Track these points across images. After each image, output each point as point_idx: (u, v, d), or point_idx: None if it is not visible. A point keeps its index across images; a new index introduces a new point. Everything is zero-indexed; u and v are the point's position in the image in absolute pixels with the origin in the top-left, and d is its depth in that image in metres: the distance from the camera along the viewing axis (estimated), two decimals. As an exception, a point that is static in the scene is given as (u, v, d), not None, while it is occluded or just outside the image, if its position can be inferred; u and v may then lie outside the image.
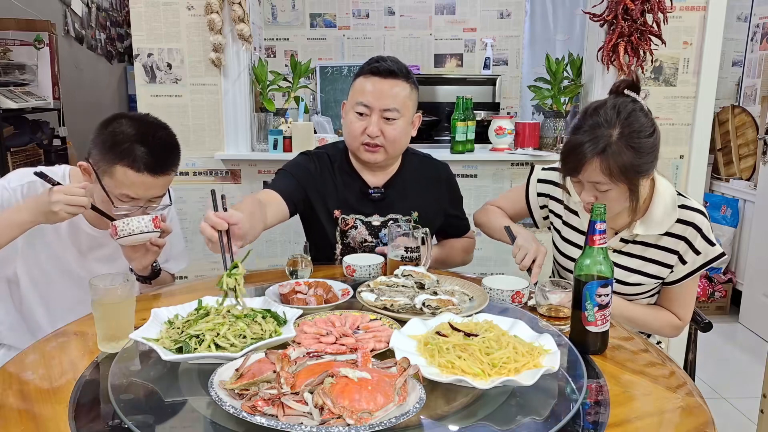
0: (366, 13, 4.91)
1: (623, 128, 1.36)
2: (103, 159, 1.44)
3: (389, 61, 1.71)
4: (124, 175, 1.42)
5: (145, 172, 1.43)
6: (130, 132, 1.43)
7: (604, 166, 1.36)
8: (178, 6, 2.55)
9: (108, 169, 1.43)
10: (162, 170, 1.46)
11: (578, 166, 1.39)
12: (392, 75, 1.69)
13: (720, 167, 4.11)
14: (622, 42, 2.46)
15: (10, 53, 3.18)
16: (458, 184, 1.95)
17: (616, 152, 1.35)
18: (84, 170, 1.49)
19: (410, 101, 1.74)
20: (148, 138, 1.44)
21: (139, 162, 1.42)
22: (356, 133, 1.71)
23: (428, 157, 1.93)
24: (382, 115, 1.69)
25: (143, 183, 1.44)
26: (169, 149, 1.50)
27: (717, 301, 3.80)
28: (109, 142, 1.43)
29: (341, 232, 1.80)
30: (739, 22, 4.30)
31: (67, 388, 1.03)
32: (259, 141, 2.72)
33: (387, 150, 1.72)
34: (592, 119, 1.39)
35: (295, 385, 0.89)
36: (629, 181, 1.38)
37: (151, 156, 1.43)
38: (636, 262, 1.54)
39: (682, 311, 1.55)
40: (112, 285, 1.19)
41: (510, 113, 4.46)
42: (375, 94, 1.68)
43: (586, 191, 1.43)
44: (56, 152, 3.41)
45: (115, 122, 1.46)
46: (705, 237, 1.48)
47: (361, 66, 1.74)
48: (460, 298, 1.34)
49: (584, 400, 1.00)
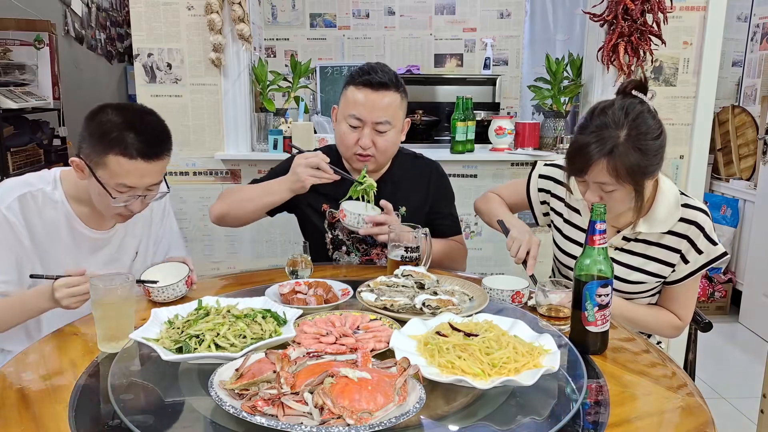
0: (366, 13, 4.91)
1: (631, 130, 1.36)
2: (94, 151, 1.42)
3: (380, 71, 1.71)
4: (118, 164, 1.40)
5: (138, 158, 1.41)
6: (118, 120, 1.41)
7: (610, 167, 1.36)
8: (178, 6, 2.55)
9: (100, 160, 1.41)
10: (155, 155, 1.44)
11: (585, 167, 1.39)
12: (384, 87, 1.70)
13: (720, 167, 4.11)
14: (622, 42, 2.46)
15: (10, 53, 3.18)
16: (457, 183, 1.95)
17: (623, 153, 1.35)
18: (76, 166, 1.46)
19: (401, 110, 1.77)
20: (136, 124, 1.42)
21: (131, 149, 1.40)
22: (349, 144, 1.74)
23: (419, 157, 1.96)
24: (374, 127, 1.71)
25: (137, 170, 1.42)
26: (160, 133, 1.48)
27: (717, 301, 3.80)
28: (97, 133, 1.41)
29: (329, 224, 1.85)
30: (739, 22, 4.30)
31: (67, 388, 1.03)
32: (259, 141, 2.72)
33: (378, 159, 1.77)
34: (599, 119, 1.39)
35: (295, 385, 0.89)
36: (635, 182, 1.38)
37: (143, 142, 1.41)
38: (638, 260, 1.54)
39: (682, 311, 1.55)
40: (112, 285, 1.19)
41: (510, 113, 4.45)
42: (367, 107, 1.70)
43: (591, 191, 1.43)
44: (56, 152, 3.41)
45: (101, 113, 1.44)
46: (707, 236, 1.48)
47: (352, 74, 1.75)
48: (460, 298, 1.34)
49: (584, 400, 1.00)
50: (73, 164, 1.47)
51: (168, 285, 1.42)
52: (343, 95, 1.76)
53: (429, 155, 1.99)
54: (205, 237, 2.76)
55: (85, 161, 1.44)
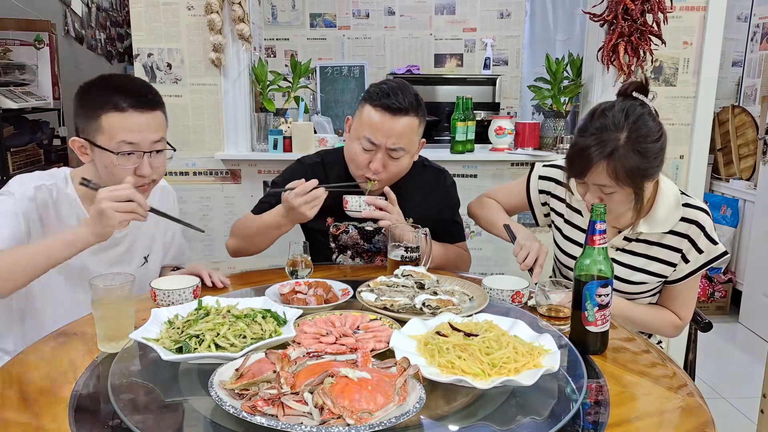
0: (366, 13, 4.91)
1: (631, 132, 1.35)
2: (87, 121, 1.45)
3: (400, 94, 1.65)
4: (113, 121, 1.42)
5: (129, 109, 1.43)
6: (102, 86, 1.46)
7: (610, 170, 1.35)
8: (178, 6, 2.55)
9: (97, 126, 1.43)
10: (146, 105, 1.46)
11: (584, 169, 1.39)
12: (402, 112, 1.64)
13: (720, 167, 4.11)
14: (622, 42, 2.46)
15: (10, 53, 3.18)
16: (457, 183, 1.93)
17: (623, 156, 1.34)
18: (78, 147, 1.48)
19: (417, 135, 1.72)
20: (118, 82, 1.47)
21: (120, 102, 1.42)
22: (360, 165, 1.70)
23: (427, 164, 1.90)
24: (387, 153, 1.67)
25: (133, 122, 1.43)
26: (144, 86, 1.51)
27: (717, 301, 3.80)
28: (86, 103, 1.45)
29: (333, 236, 1.83)
30: (739, 22, 4.30)
31: (67, 388, 1.03)
32: (259, 141, 2.72)
33: (386, 181, 1.73)
34: (599, 122, 1.38)
35: (295, 385, 0.89)
36: (635, 184, 1.38)
37: (130, 95, 1.44)
38: (639, 261, 1.54)
39: (683, 310, 1.55)
40: (112, 285, 1.19)
41: (510, 113, 4.46)
42: (383, 132, 1.64)
43: (591, 193, 1.43)
44: (56, 152, 3.41)
45: (85, 87, 1.48)
46: (708, 236, 1.48)
47: (372, 93, 1.68)
48: (460, 298, 1.34)
49: (584, 400, 1.00)
50: (74, 146, 1.49)
51: (173, 289, 1.41)
52: (359, 112, 1.70)
53: (429, 155, 1.99)
54: (206, 237, 2.76)
55: (82, 137, 1.46)
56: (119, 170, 1.44)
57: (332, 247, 1.86)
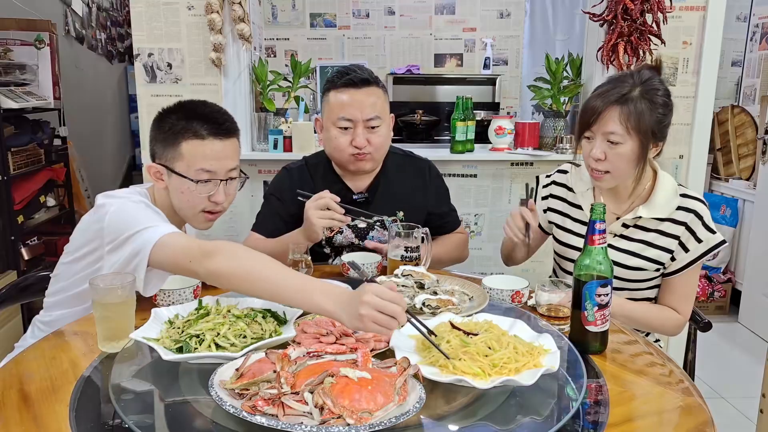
0: (366, 13, 4.91)
1: (643, 86, 1.46)
2: (166, 148, 1.46)
3: (358, 70, 1.72)
4: (193, 149, 1.44)
5: (210, 137, 1.45)
6: (181, 114, 1.48)
7: (623, 115, 1.43)
8: (178, 6, 2.55)
9: (175, 153, 1.45)
10: (225, 132, 1.48)
11: (596, 115, 1.46)
12: (367, 83, 1.71)
13: (719, 167, 4.11)
14: (621, 42, 2.45)
15: (10, 53, 3.17)
16: (457, 183, 1.95)
17: (635, 101, 1.44)
18: (155, 173, 1.49)
19: (386, 105, 1.77)
20: (198, 111, 1.49)
21: (201, 130, 1.45)
22: (343, 147, 1.73)
23: (410, 155, 1.95)
24: (366, 125, 1.71)
25: (213, 150, 1.45)
26: (222, 114, 1.52)
27: (716, 300, 3.80)
28: (165, 131, 1.47)
29: (327, 239, 1.84)
30: (739, 22, 4.30)
31: (67, 388, 1.04)
32: (260, 141, 2.72)
33: (374, 156, 1.76)
34: (612, 81, 1.49)
35: (295, 385, 0.89)
36: (643, 134, 1.44)
37: (209, 122, 1.46)
38: (637, 246, 1.56)
39: (682, 305, 1.56)
40: (112, 285, 1.19)
41: (510, 113, 4.45)
42: (356, 106, 1.69)
43: (598, 146, 1.48)
44: (56, 152, 3.41)
45: (163, 115, 1.50)
46: (706, 225, 1.51)
47: (330, 80, 1.75)
48: (460, 298, 1.34)
49: (584, 400, 1.01)
50: (150, 171, 1.50)
51: (174, 289, 1.41)
52: (326, 102, 1.75)
53: (429, 155, 1.99)
54: (206, 237, 2.75)
55: (160, 163, 1.48)
56: (195, 196, 1.47)
57: (328, 252, 1.87)
